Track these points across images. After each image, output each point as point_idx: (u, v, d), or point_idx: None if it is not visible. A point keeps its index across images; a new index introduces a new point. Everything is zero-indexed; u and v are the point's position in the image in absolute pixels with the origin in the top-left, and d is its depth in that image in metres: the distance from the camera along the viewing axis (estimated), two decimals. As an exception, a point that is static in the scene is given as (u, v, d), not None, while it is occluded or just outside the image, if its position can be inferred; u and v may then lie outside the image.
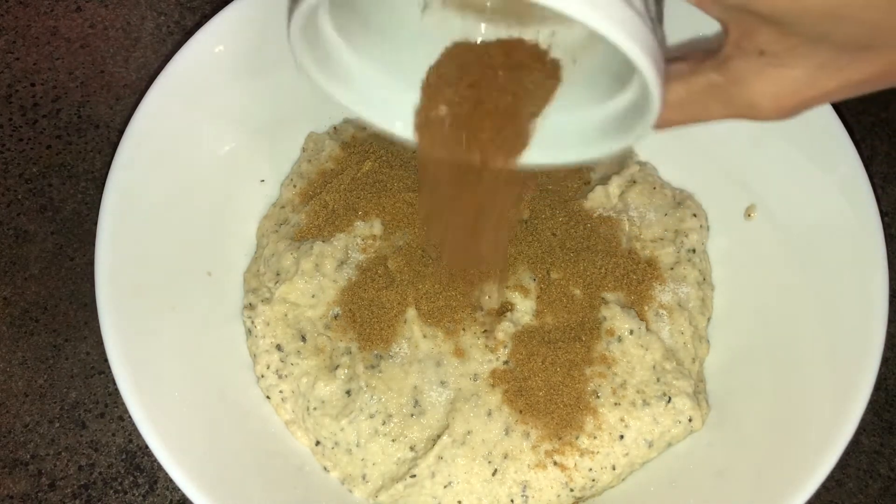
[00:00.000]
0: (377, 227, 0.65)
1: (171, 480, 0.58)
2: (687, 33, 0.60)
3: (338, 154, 0.71)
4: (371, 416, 0.59)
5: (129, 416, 0.54)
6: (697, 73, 0.40)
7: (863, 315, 0.58)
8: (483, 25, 0.46)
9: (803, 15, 0.34)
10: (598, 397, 0.59)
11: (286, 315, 0.63)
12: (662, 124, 0.42)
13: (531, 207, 0.67)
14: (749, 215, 0.68)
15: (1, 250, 0.72)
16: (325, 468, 0.61)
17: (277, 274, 0.64)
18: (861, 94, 0.38)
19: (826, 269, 0.62)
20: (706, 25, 0.56)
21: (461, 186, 0.50)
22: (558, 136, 0.46)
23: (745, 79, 0.38)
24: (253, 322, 0.63)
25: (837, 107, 0.64)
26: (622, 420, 0.59)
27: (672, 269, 0.66)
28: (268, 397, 0.62)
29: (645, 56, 0.36)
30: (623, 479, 0.61)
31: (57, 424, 0.66)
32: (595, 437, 0.59)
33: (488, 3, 0.45)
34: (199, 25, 0.67)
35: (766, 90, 0.38)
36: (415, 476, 0.58)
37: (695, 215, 0.68)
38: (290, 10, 0.40)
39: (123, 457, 0.66)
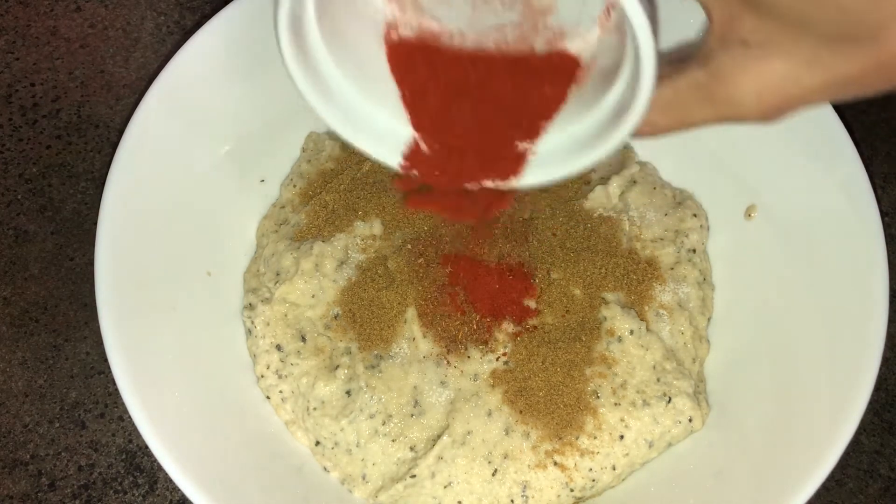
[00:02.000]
0: (377, 227, 0.65)
1: (171, 480, 0.58)
2: (673, 37, 0.60)
3: (338, 154, 0.71)
4: (371, 417, 0.59)
5: (129, 416, 0.54)
6: (682, 72, 0.39)
7: (863, 315, 0.58)
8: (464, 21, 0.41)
9: None
10: (598, 397, 0.59)
11: (286, 315, 0.63)
12: (648, 129, 0.41)
13: (531, 207, 0.67)
14: (749, 215, 0.68)
15: (1, 250, 0.72)
16: (325, 468, 0.61)
17: (277, 274, 0.64)
18: (849, 96, 0.37)
19: (826, 268, 0.62)
20: (692, 29, 0.56)
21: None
22: (545, 154, 0.45)
23: (728, 74, 0.37)
24: (253, 322, 0.63)
25: (837, 107, 0.64)
26: (622, 420, 0.59)
27: (672, 269, 0.66)
28: (268, 397, 0.62)
29: (646, 25, 0.35)
30: (623, 480, 0.61)
31: (57, 424, 0.66)
32: (595, 438, 0.59)
33: None
34: (199, 25, 0.67)
35: (749, 86, 0.37)
36: (415, 476, 0.58)
37: (695, 215, 0.68)
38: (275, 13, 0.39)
39: (123, 457, 0.66)
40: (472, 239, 0.64)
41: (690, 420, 0.60)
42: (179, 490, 0.53)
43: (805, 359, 0.60)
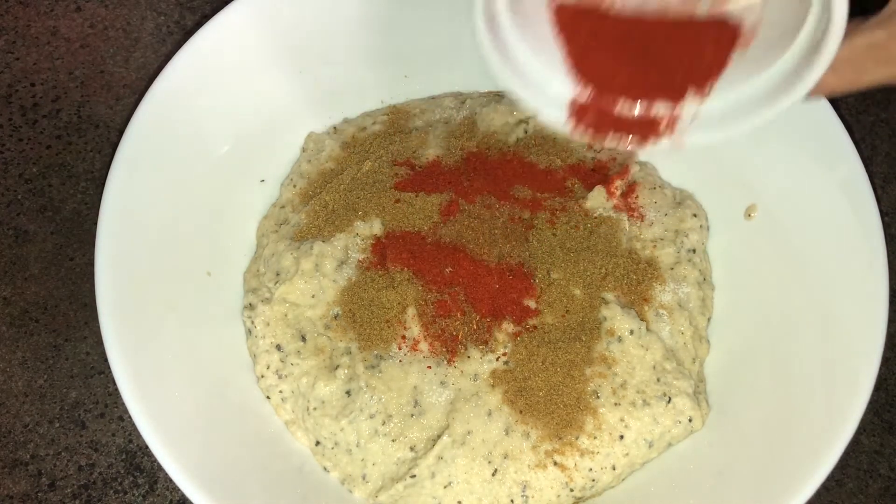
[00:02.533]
0: (377, 227, 0.65)
1: (171, 480, 0.58)
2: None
3: (338, 154, 0.71)
4: (371, 417, 0.59)
5: (129, 416, 0.54)
6: (859, 32, 0.40)
7: (863, 315, 0.58)
8: None
9: None
10: (598, 397, 0.59)
11: (286, 315, 0.63)
12: (820, 89, 0.41)
13: (531, 207, 0.67)
14: (749, 215, 0.68)
15: (1, 250, 0.72)
16: (325, 468, 0.61)
17: (277, 274, 0.64)
18: None
19: (826, 268, 0.62)
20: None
21: None
22: (708, 115, 0.46)
23: None
24: (253, 322, 0.63)
25: (837, 107, 0.64)
26: (622, 420, 0.59)
27: (672, 269, 0.66)
28: (268, 397, 0.62)
29: None
30: (623, 480, 0.61)
31: (57, 424, 0.66)
32: (595, 438, 0.59)
33: None
34: (199, 25, 0.67)
35: None
36: (415, 476, 0.58)
37: (695, 215, 0.68)
38: None
39: (123, 457, 0.66)
40: (473, 238, 0.64)
41: (690, 420, 0.60)
42: (179, 490, 0.53)
43: (805, 359, 0.60)
